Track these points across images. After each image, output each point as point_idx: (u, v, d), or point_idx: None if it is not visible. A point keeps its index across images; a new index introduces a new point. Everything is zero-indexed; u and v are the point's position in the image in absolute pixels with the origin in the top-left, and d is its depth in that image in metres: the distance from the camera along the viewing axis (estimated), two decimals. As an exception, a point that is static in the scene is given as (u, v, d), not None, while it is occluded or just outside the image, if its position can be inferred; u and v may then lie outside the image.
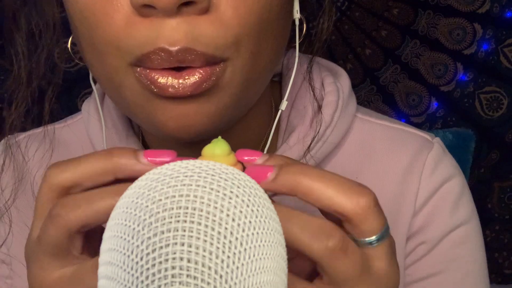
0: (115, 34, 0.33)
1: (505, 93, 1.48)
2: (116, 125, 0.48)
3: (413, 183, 0.47)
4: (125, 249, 0.23)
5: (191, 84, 0.33)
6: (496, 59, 1.46)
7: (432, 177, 0.47)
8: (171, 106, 0.34)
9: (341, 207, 0.27)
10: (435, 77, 1.47)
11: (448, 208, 0.47)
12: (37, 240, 0.30)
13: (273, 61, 0.38)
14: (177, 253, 0.22)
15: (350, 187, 0.28)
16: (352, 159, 0.48)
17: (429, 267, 0.47)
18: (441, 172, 0.47)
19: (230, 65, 0.34)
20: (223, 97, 0.35)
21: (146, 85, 0.33)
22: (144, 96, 0.34)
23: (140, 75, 0.33)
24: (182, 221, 0.23)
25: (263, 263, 0.23)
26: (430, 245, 0.47)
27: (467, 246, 0.48)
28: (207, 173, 0.24)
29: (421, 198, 0.47)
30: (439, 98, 1.47)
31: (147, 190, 0.24)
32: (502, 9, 1.43)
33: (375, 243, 0.28)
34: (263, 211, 0.25)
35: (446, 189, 0.47)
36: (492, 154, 1.48)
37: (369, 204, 0.27)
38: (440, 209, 0.47)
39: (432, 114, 1.46)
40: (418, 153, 0.47)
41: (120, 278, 0.23)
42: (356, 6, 1.46)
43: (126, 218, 0.24)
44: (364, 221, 0.27)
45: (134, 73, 0.34)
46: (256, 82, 0.37)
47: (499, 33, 1.45)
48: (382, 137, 0.48)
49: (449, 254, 0.47)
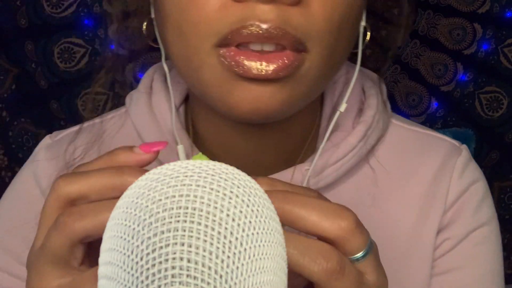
0: (207, 15, 0.36)
1: (505, 93, 1.48)
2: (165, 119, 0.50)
3: (443, 184, 0.50)
4: (125, 249, 0.23)
5: (273, 68, 0.35)
6: (496, 59, 1.46)
7: (461, 180, 0.51)
8: (249, 86, 0.36)
9: (325, 231, 0.29)
10: (435, 77, 1.47)
11: (472, 208, 0.51)
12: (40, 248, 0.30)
13: (342, 61, 0.42)
14: (177, 253, 0.22)
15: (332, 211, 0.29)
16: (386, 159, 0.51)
17: (452, 262, 0.50)
18: (468, 175, 0.51)
19: (309, 57, 0.37)
20: (297, 87, 0.38)
21: (230, 65, 0.36)
22: (224, 77, 0.37)
23: (224, 56, 0.36)
24: (182, 221, 0.23)
25: (263, 263, 0.23)
26: (454, 241, 0.50)
27: (487, 246, 0.51)
28: (207, 173, 0.24)
29: (451, 198, 0.50)
30: (439, 98, 1.47)
31: (147, 190, 0.24)
32: (502, 9, 1.43)
33: (361, 259, 0.30)
34: (263, 211, 0.25)
35: (472, 191, 0.51)
36: (492, 154, 1.48)
37: (350, 225, 0.29)
38: (465, 209, 0.51)
39: (432, 114, 1.46)
40: (448, 157, 0.51)
41: (120, 278, 0.23)
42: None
43: (126, 218, 0.24)
44: (348, 241, 0.29)
45: (217, 54, 0.36)
46: (326, 77, 0.41)
47: (499, 33, 1.45)
48: (414, 141, 0.52)
49: (470, 251, 0.50)
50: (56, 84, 1.43)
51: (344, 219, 0.29)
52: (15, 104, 1.45)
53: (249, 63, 0.35)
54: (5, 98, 1.45)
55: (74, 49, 1.42)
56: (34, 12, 1.40)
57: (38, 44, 1.41)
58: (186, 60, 0.39)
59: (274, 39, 0.35)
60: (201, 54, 0.37)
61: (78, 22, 1.41)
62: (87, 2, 1.40)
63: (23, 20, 1.41)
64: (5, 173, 1.47)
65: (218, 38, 0.36)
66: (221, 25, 0.35)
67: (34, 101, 1.45)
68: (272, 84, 0.37)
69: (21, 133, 1.46)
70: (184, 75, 0.41)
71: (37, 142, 1.43)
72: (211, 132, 0.48)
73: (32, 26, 1.40)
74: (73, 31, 1.41)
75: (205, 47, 0.37)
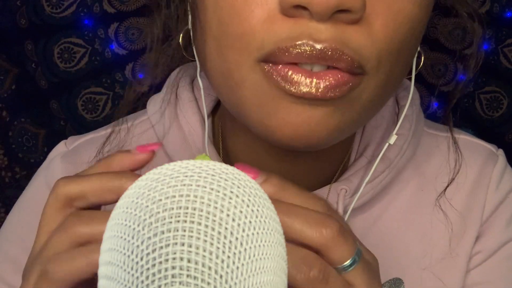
0: (251, 27, 0.32)
1: (505, 93, 1.48)
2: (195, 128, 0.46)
3: (480, 197, 0.48)
4: (125, 249, 0.23)
5: (325, 86, 0.31)
6: (496, 59, 1.46)
7: (497, 191, 0.49)
8: (296, 107, 0.32)
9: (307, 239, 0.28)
10: (435, 77, 1.47)
11: (505, 220, 0.49)
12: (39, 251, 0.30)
13: (397, 86, 0.38)
14: (177, 253, 0.22)
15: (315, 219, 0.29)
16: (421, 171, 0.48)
17: (483, 275, 0.48)
18: (504, 186, 0.49)
19: (366, 80, 0.33)
20: (349, 111, 0.34)
21: (276, 81, 0.32)
22: (268, 95, 0.33)
23: (270, 71, 0.32)
24: (182, 221, 0.23)
25: (263, 263, 0.23)
26: (486, 254, 0.48)
27: None
28: (207, 173, 0.24)
29: (487, 211, 0.48)
30: (439, 98, 1.47)
31: (147, 190, 0.24)
32: (502, 9, 1.43)
33: (348, 269, 0.29)
34: (263, 211, 0.25)
35: (506, 203, 0.49)
36: (492, 154, 1.48)
37: (333, 234, 0.28)
38: (499, 220, 0.49)
39: (432, 114, 1.46)
40: (485, 166, 0.49)
41: (120, 278, 0.23)
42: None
43: (126, 218, 0.24)
44: (331, 250, 0.28)
45: (261, 70, 0.32)
46: (380, 103, 0.37)
47: (499, 33, 1.45)
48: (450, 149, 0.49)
49: (502, 265, 0.48)
50: (56, 84, 1.43)
51: (327, 227, 0.28)
52: (15, 104, 1.45)
53: (299, 78, 0.31)
54: (5, 98, 1.45)
55: (74, 49, 1.42)
56: (34, 12, 1.40)
57: (38, 44, 1.41)
58: (225, 76, 0.35)
59: (329, 61, 0.31)
60: (243, 70, 0.33)
61: (78, 22, 1.41)
62: (87, 2, 1.40)
63: (23, 20, 1.40)
64: (5, 173, 1.47)
65: (262, 53, 0.32)
66: (267, 40, 0.31)
67: (34, 101, 1.45)
68: (323, 107, 0.32)
69: (21, 133, 1.46)
70: (221, 93, 0.37)
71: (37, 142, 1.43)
72: (242, 150, 0.45)
73: (32, 26, 1.40)
74: (73, 31, 1.41)
75: (247, 61, 0.33)
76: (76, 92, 1.43)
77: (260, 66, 0.32)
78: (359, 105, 0.34)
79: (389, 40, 0.32)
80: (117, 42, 1.42)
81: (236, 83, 0.34)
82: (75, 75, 1.42)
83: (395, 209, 0.48)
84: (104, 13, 1.40)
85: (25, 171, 1.46)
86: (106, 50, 1.42)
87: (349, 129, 0.36)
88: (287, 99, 0.32)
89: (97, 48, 1.42)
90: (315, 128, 0.33)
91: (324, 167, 0.46)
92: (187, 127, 0.45)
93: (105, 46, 1.42)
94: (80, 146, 0.51)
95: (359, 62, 0.31)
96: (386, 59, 0.33)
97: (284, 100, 0.32)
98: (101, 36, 1.41)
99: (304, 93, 0.31)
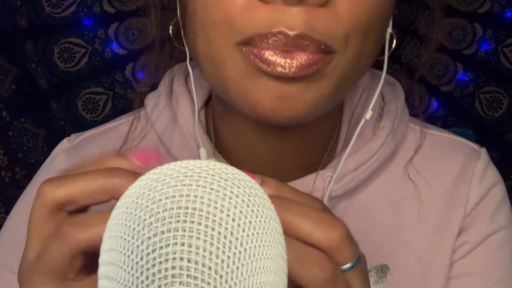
0: (232, 14, 0.35)
1: (505, 93, 1.48)
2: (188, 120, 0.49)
3: (464, 189, 0.51)
4: (125, 249, 0.23)
5: (297, 65, 0.35)
6: (496, 59, 1.46)
7: (480, 184, 0.51)
8: (272, 84, 0.36)
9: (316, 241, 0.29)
10: (435, 77, 1.47)
11: (490, 212, 0.51)
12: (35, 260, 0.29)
13: (368, 65, 0.41)
14: (177, 253, 0.22)
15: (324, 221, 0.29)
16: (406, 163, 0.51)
17: (469, 266, 0.50)
18: (488, 179, 0.52)
19: (336, 58, 0.37)
20: (322, 87, 0.37)
21: (253, 62, 0.35)
22: (247, 74, 0.37)
23: (248, 52, 0.36)
24: (182, 221, 0.23)
25: (263, 263, 0.23)
26: (471, 245, 0.50)
27: (505, 251, 0.51)
28: (207, 173, 0.25)
29: (471, 203, 0.50)
30: (439, 98, 1.47)
31: (147, 190, 0.24)
32: (502, 9, 1.43)
33: (349, 270, 0.30)
34: (263, 211, 0.25)
35: (491, 195, 0.51)
36: (492, 154, 1.48)
37: (341, 237, 0.29)
38: (484, 212, 0.51)
39: (432, 114, 1.46)
40: (468, 161, 0.52)
41: (120, 278, 0.23)
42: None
43: (126, 218, 0.24)
44: (337, 252, 0.29)
45: (240, 51, 0.36)
46: (352, 79, 0.40)
47: (499, 33, 1.45)
48: (433, 146, 0.52)
49: (487, 256, 0.50)
50: (56, 84, 1.43)
51: (335, 230, 0.29)
52: (15, 104, 1.45)
53: (275, 59, 0.35)
54: (5, 98, 1.45)
55: (74, 49, 1.42)
56: (34, 12, 1.40)
57: (38, 44, 1.41)
58: (209, 58, 0.39)
59: (300, 48, 0.35)
60: (224, 51, 0.37)
61: (78, 22, 1.41)
62: (87, 2, 1.40)
63: (23, 20, 1.40)
64: (5, 173, 1.47)
65: (242, 37, 0.36)
66: (247, 26, 0.35)
67: (34, 101, 1.45)
68: (297, 84, 0.36)
69: (21, 133, 1.46)
70: (207, 74, 0.41)
71: (37, 142, 1.43)
72: (232, 136, 0.48)
73: (32, 26, 1.40)
74: (73, 31, 1.41)
75: (228, 44, 0.36)
76: (76, 92, 1.43)
77: (239, 48, 0.36)
78: (332, 81, 0.38)
79: (355, 21, 0.36)
80: (117, 42, 1.42)
81: (219, 64, 0.38)
82: (75, 75, 1.42)
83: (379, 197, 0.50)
84: (104, 13, 1.40)
85: (25, 171, 1.46)
86: (106, 50, 1.42)
87: (326, 102, 0.39)
88: (265, 77, 0.36)
89: (97, 48, 1.42)
90: (292, 102, 0.37)
91: (309, 154, 0.49)
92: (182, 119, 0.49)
93: (105, 46, 1.42)
94: (83, 142, 0.53)
95: (326, 43, 0.35)
96: (354, 38, 0.37)
97: (263, 78, 0.36)
98: (101, 36, 1.41)
99: (279, 73, 0.35)
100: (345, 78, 0.38)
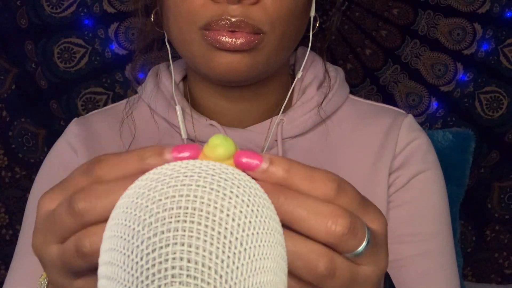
0: (194, 9, 0.53)
1: (505, 93, 1.47)
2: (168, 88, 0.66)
3: (393, 136, 0.64)
4: (125, 249, 0.23)
5: (240, 43, 0.53)
6: (496, 59, 1.46)
7: (408, 133, 0.65)
8: (223, 55, 0.54)
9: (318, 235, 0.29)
10: (435, 77, 1.47)
11: (420, 155, 0.64)
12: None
13: (294, 41, 0.59)
14: (177, 253, 0.22)
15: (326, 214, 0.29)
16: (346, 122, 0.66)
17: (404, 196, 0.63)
18: (414, 130, 0.66)
19: (266, 37, 0.54)
20: (257, 57, 0.55)
21: (211, 41, 0.53)
22: (207, 49, 0.54)
23: (207, 35, 0.53)
24: (182, 221, 0.23)
25: (263, 263, 0.23)
26: (405, 178, 0.63)
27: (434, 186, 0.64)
28: (207, 173, 0.24)
29: (399, 147, 0.64)
30: (439, 98, 1.47)
31: (147, 190, 0.24)
32: (502, 9, 1.43)
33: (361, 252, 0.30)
34: (263, 211, 0.25)
35: (418, 142, 0.65)
36: (492, 154, 1.48)
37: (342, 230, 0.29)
38: (414, 154, 0.64)
39: (432, 114, 1.46)
40: (397, 118, 0.66)
41: (120, 278, 0.23)
42: (356, 6, 1.46)
43: (126, 218, 0.24)
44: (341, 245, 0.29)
45: (202, 34, 0.54)
46: (281, 53, 0.58)
47: (499, 33, 1.44)
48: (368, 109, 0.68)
49: (420, 187, 0.63)
50: (56, 84, 1.43)
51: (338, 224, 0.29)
52: (15, 104, 1.45)
53: (224, 39, 0.52)
54: (5, 98, 1.45)
55: (74, 49, 1.42)
56: (34, 12, 1.40)
57: (38, 44, 1.41)
58: (180, 39, 0.57)
59: (239, 28, 0.52)
60: (191, 34, 0.55)
61: (78, 22, 1.41)
62: (87, 2, 1.40)
63: (23, 20, 1.40)
64: (5, 173, 1.47)
65: (201, 24, 0.53)
66: (204, 16, 0.53)
67: (34, 101, 1.44)
68: (240, 54, 0.53)
69: (21, 133, 1.46)
70: (180, 51, 0.59)
71: (37, 142, 1.43)
72: (203, 97, 0.65)
73: (32, 26, 1.40)
74: (73, 31, 1.41)
75: (193, 29, 0.54)
76: (76, 92, 1.43)
77: (201, 32, 0.54)
78: (264, 52, 0.55)
79: (277, 11, 0.53)
80: (117, 42, 1.42)
81: (187, 43, 0.56)
82: (75, 75, 1.42)
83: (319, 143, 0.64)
84: (104, 13, 1.40)
85: (25, 171, 1.46)
86: (106, 50, 1.41)
87: (262, 67, 0.56)
88: (219, 51, 0.54)
89: (97, 48, 1.42)
90: (237, 66, 0.54)
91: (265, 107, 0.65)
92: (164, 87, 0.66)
93: (105, 46, 1.41)
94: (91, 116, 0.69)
95: (258, 26, 0.53)
96: (278, 23, 0.54)
97: (218, 52, 0.54)
98: (101, 36, 1.41)
99: (228, 47, 0.53)
100: (273, 51, 0.56)
